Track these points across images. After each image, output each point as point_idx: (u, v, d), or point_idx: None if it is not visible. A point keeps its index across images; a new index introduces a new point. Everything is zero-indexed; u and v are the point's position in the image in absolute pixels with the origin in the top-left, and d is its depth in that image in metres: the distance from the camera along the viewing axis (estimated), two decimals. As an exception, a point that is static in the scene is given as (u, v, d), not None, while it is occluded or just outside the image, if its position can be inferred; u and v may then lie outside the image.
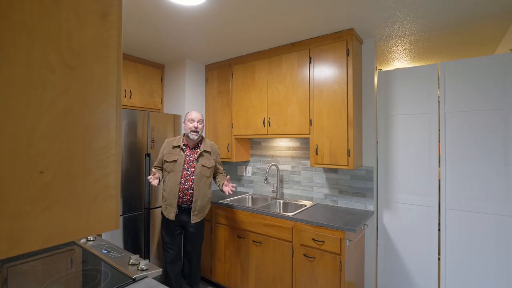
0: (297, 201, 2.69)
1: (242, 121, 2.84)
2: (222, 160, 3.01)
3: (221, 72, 3.04)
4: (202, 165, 2.26)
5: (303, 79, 2.43)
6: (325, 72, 2.31)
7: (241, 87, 2.86)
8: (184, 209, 2.22)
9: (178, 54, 2.84)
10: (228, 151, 2.94)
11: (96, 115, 0.61)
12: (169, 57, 2.94)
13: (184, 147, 2.25)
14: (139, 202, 2.56)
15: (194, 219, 2.23)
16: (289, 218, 2.17)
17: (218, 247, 2.63)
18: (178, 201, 2.20)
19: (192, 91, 3.05)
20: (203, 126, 2.27)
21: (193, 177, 2.21)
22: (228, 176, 2.28)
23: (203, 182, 2.25)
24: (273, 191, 2.88)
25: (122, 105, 2.79)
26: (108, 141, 0.63)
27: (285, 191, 2.86)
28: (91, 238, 1.58)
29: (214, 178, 2.42)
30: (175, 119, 2.91)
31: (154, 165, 2.32)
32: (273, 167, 2.93)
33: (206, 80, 3.20)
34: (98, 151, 0.61)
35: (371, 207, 2.37)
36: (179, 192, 2.18)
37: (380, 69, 2.95)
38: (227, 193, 2.23)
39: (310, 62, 2.40)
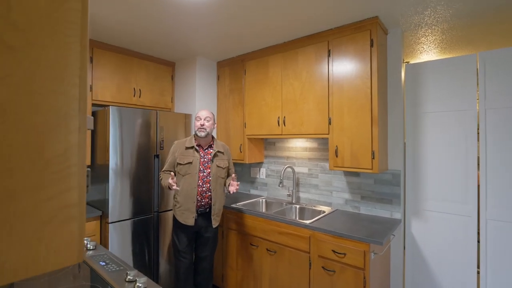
0: (314, 206, 2.49)
1: (255, 120, 2.67)
2: (234, 161, 2.85)
3: (233, 68, 2.89)
4: (217, 166, 2.14)
5: (321, 74, 2.23)
6: (345, 66, 2.10)
7: (254, 84, 2.69)
8: (200, 213, 2.10)
9: (188, 50, 2.71)
10: (241, 152, 2.79)
11: (50, 113, 0.46)
12: (179, 54, 2.82)
13: (197, 147, 2.13)
14: (149, 205, 2.46)
15: (215, 223, 2.12)
16: (306, 226, 1.98)
17: (230, 254, 2.48)
18: (196, 205, 2.07)
19: (203, 89, 2.92)
20: (211, 124, 2.15)
21: (210, 178, 2.09)
22: (234, 175, 2.12)
23: (219, 184, 2.14)
24: (289, 195, 2.69)
25: (132, 104, 2.70)
26: (67, 146, 0.48)
27: (302, 195, 2.67)
28: (91, 247, 1.47)
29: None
30: (186, 119, 2.79)
31: (164, 169, 2.18)
32: (289, 169, 2.74)
33: (218, 78, 3.05)
34: (51, 160, 0.46)
35: (397, 215, 2.13)
36: (197, 195, 2.06)
37: (407, 62, 2.70)
38: (230, 192, 2.10)
39: (328, 56, 2.20)
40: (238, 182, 2.12)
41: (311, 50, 2.30)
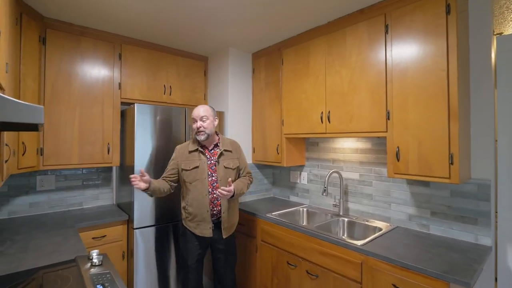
0: (367, 221, 2.02)
1: (294, 117, 2.31)
2: (270, 164, 2.52)
3: (269, 59, 2.56)
4: (225, 167, 1.86)
5: (375, 57, 1.78)
6: (409, 43, 1.62)
7: (293, 75, 2.32)
8: (213, 223, 1.84)
9: (220, 41, 2.46)
10: (278, 153, 2.44)
11: None
12: (210, 46, 2.59)
13: (202, 149, 1.85)
14: (177, 211, 2.26)
15: (225, 234, 1.85)
16: (357, 249, 1.56)
17: (265, 271, 2.15)
18: (211, 214, 1.82)
19: (236, 83, 2.65)
20: (211, 122, 1.83)
21: (218, 183, 1.81)
22: (230, 179, 1.76)
23: None
24: (335, 205, 2.27)
25: (162, 102, 2.55)
26: None
27: (351, 206, 2.22)
28: (97, 262, 1.27)
29: None
30: (220, 117, 2.55)
31: (163, 176, 1.87)
32: (335, 174, 2.31)
33: (253, 71, 2.76)
34: None
35: (486, 241, 1.57)
36: (209, 203, 1.80)
37: (500, 34, 2.06)
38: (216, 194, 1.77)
39: (386, 32, 1.73)
40: (231, 188, 1.71)
41: (363, 28, 1.85)
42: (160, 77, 2.54)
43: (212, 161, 1.85)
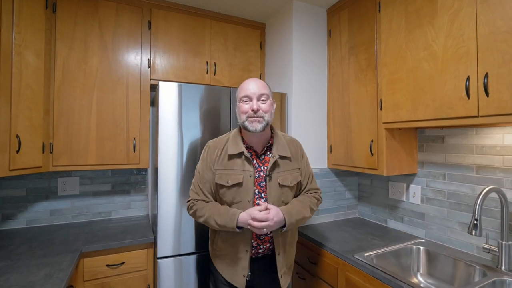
0: None
1: (403, 93, 1.38)
2: (359, 170, 1.64)
3: (356, 9, 1.68)
4: (280, 185, 1.15)
5: None
6: None
7: (401, 24, 1.39)
8: (256, 259, 1.18)
9: (280, -8, 1.71)
10: (372, 154, 1.54)
11: None
12: (269, 5, 1.86)
13: (249, 153, 1.15)
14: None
15: (285, 281, 1.18)
16: None
17: None
18: (251, 253, 1.15)
19: (304, 53, 1.84)
20: (271, 104, 1.15)
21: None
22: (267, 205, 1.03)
23: None
24: (487, 250, 1.25)
25: (202, 84, 1.93)
26: None
27: (523, 253, 1.18)
28: None
29: None
30: (282, 99, 1.81)
31: (196, 198, 1.16)
32: (493, 194, 1.29)
33: (329, 33, 1.90)
34: None
35: None
36: (252, 239, 1.14)
37: None
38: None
39: None
40: (269, 215, 1.05)
41: None
42: (202, 52, 1.92)
43: (262, 174, 1.14)
